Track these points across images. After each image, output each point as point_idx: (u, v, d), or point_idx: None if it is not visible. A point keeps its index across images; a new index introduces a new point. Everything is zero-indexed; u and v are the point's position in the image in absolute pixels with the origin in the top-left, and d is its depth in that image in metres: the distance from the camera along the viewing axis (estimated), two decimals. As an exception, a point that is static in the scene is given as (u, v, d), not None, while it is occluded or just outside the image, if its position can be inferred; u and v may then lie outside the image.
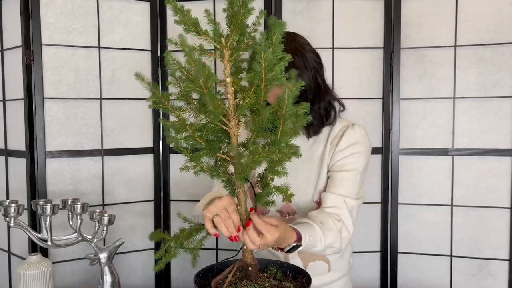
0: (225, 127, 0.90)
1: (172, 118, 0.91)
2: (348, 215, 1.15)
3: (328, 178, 1.24)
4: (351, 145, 1.21)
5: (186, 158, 0.92)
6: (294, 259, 1.25)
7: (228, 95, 0.87)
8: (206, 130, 0.89)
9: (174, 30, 1.93)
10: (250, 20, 0.85)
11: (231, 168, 0.97)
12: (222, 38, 0.84)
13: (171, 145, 0.92)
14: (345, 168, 1.19)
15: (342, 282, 1.32)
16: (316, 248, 1.06)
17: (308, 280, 0.99)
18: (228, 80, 0.86)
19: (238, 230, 0.93)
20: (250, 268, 0.97)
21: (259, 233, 0.91)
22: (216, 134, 0.91)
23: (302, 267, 1.24)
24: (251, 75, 0.83)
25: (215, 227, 0.94)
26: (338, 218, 1.13)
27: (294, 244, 1.01)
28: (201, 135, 0.89)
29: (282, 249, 1.03)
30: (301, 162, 1.20)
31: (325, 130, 1.27)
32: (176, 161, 1.98)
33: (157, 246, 1.98)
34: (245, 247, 0.98)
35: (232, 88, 0.87)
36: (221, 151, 0.93)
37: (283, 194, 0.95)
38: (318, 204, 1.24)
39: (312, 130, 1.23)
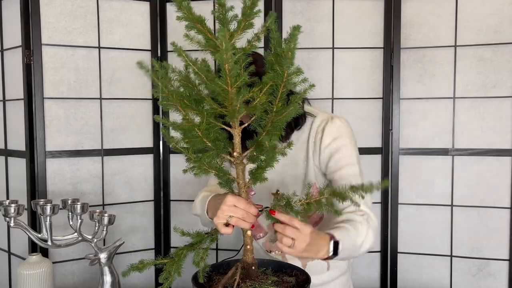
0: (227, 128, 0.91)
1: (172, 118, 0.91)
2: (364, 206, 1.13)
3: (321, 175, 1.23)
4: (334, 139, 1.18)
5: (188, 159, 0.91)
6: (293, 260, 1.25)
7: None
8: (214, 131, 0.88)
9: (174, 30, 1.93)
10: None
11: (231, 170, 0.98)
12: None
13: (170, 146, 0.91)
14: (339, 166, 1.17)
15: (342, 280, 1.31)
16: (358, 244, 1.07)
17: (307, 278, 0.99)
18: None
19: (257, 215, 0.96)
20: (253, 268, 0.97)
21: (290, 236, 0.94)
22: (217, 135, 0.91)
23: (301, 267, 1.24)
24: (270, 75, 0.84)
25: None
26: (360, 213, 1.12)
27: (333, 242, 1.01)
28: (208, 135, 0.88)
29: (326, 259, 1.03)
30: (285, 164, 1.21)
31: (306, 127, 1.23)
32: (176, 161, 1.98)
33: (157, 246, 1.98)
34: (248, 246, 0.97)
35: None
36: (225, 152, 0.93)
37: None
38: None
39: (282, 137, 1.19)
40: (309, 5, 1.85)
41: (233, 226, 0.95)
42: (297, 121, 1.22)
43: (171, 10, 1.93)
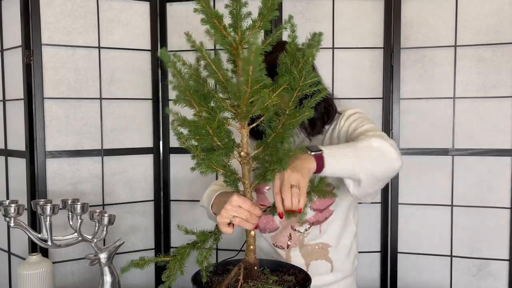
0: (236, 128, 0.90)
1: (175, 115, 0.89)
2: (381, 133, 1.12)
3: None
4: (347, 118, 1.24)
5: (194, 157, 0.91)
6: (296, 258, 1.25)
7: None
8: (224, 129, 0.88)
9: (174, 30, 1.93)
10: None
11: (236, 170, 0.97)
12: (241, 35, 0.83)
13: (179, 144, 0.90)
14: (357, 128, 1.20)
15: (346, 283, 1.30)
16: (352, 149, 1.04)
17: (307, 276, 0.99)
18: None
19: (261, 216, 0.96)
20: (255, 268, 0.97)
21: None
22: (227, 134, 0.91)
23: (304, 266, 1.24)
24: (286, 77, 0.83)
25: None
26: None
27: (316, 151, 0.99)
28: (219, 134, 0.87)
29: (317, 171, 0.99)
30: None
31: (332, 124, 1.28)
32: (176, 161, 1.97)
33: (157, 246, 1.98)
34: (251, 247, 0.97)
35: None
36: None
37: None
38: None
39: (315, 129, 1.23)
40: (309, 5, 1.85)
41: (233, 225, 0.95)
42: (329, 115, 1.25)
43: (171, 10, 1.93)
